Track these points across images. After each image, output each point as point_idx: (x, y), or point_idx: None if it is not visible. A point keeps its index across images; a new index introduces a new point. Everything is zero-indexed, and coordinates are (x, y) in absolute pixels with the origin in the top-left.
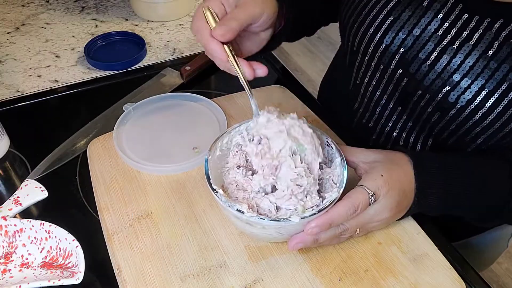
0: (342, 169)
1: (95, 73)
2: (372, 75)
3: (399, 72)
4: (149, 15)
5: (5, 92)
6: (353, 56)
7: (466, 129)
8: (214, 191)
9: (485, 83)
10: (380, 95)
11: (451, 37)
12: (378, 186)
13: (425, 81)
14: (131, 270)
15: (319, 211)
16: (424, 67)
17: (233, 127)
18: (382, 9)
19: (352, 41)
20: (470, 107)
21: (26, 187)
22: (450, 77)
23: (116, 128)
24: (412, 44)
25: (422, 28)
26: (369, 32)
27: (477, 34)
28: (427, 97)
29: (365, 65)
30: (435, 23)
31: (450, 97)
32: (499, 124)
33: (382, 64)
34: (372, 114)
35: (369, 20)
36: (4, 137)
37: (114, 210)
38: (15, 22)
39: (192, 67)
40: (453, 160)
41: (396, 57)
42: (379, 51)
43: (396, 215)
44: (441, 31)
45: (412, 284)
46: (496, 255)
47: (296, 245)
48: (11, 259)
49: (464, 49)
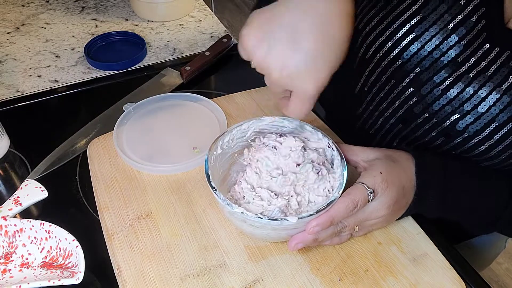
0: (342, 170)
1: (95, 73)
2: (381, 86)
3: (409, 90)
4: (149, 15)
5: (5, 92)
6: (363, 63)
7: (470, 156)
8: (213, 189)
9: (496, 116)
10: (385, 108)
11: (469, 66)
12: (377, 183)
13: (434, 105)
14: (131, 270)
15: (317, 212)
16: (437, 91)
17: (234, 126)
18: (405, 24)
19: (365, 50)
20: (478, 137)
21: (26, 187)
22: (461, 106)
23: (116, 128)
24: (430, 66)
25: (443, 52)
26: (386, 46)
27: (494, 66)
28: (433, 121)
29: (375, 76)
30: (456, 49)
31: (458, 126)
32: (504, 156)
33: (394, 79)
34: (374, 123)
35: (388, 32)
36: (4, 137)
37: (114, 210)
38: (15, 22)
39: (192, 67)
40: (454, 161)
41: (410, 75)
42: (394, 66)
43: (394, 213)
44: (461, 58)
45: (412, 284)
46: (493, 256)
47: (296, 246)
48: (11, 259)
49: (479, 79)
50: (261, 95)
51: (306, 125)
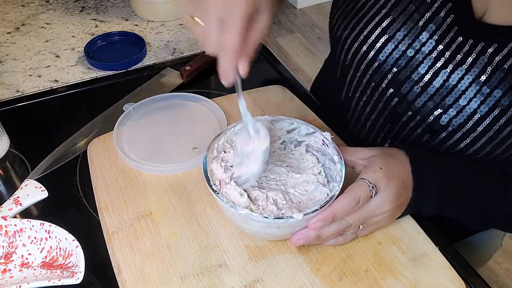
0: (340, 166)
1: (95, 73)
2: (363, 90)
3: (390, 91)
4: (149, 15)
5: (5, 92)
6: (344, 70)
7: (457, 151)
8: (215, 193)
9: (477, 108)
10: (370, 111)
11: (445, 60)
12: (378, 179)
13: (416, 102)
14: (131, 270)
15: (320, 207)
16: (417, 88)
17: (228, 128)
18: (377, 27)
19: (344, 56)
20: (462, 130)
21: (26, 187)
22: (443, 100)
23: (116, 128)
24: (406, 65)
25: (417, 49)
26: (362, 49)
27: (470, 58)
28: (417, 119)
29: (356, 81)
30: (429, 45)
31: (441, 120)
32: (489, 148)
33: (373, 81)
34: (362, 127)
35: (362, 36)
36: (4, 137)
37: (114, 210)
38: (15, 22)
39: (192, 67)
40: (449, 157)
41: (388, 76)
42: (372, 68)
43: (397, 208)
44: (435, 53)
45: (412, 284)
46: (491, 253)
47: (298, 241)
48: (11, 259)
49: (457, 72)
50: (261, 95)
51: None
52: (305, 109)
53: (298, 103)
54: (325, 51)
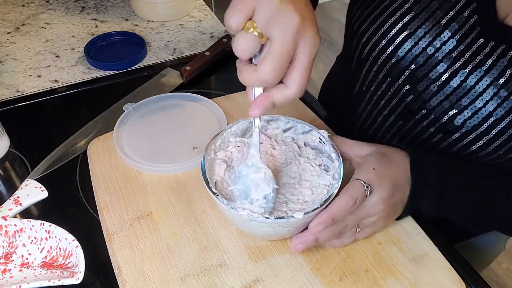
0: (338, 163)
1: (95, 73)
2: (378, 85)
3: (406, 88)
4: (149, 15)
5: (5, 92)
6: (360, 63)
7: (469, 152)
8: (215, 195)
9: (493, 111)
10: (383, 106)
11: (464, 61)
12: (371, 179)
13: (432, 101)
14: (131, 270)
15: (320, 205)
16: (433, 87)
17: (225, 129)
18: (398, 22)
19: (361, 50)
20: (476, 132)
21: (26, 187)
22: (459, 101)
23: (116, 128)
24: (424, 62)
25: (437, 48)
26: (381, 44)
27: (490, 60)
28: (431, 117)
29: (372, 75)
30: (450, 44)
31: (456, 121)
32: (502, 151)
33: (390, 77)
34: (373, 122)
35: (382, 31)
36: (4, 137)
37: (114, 210)
38: (15, 22)
39: (192, 67)
40: (449, 160)
41: (406, 72)
42: (389, 64)
43: (391, 208)
44: (455, 53)
45: (412, 284)
46: (493, 256)
47: (296, 246)
48: (11, 259)
49: (476, 74)
50: None
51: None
52: (306, 109)
53: (298, 103)
54: (326, 51)
